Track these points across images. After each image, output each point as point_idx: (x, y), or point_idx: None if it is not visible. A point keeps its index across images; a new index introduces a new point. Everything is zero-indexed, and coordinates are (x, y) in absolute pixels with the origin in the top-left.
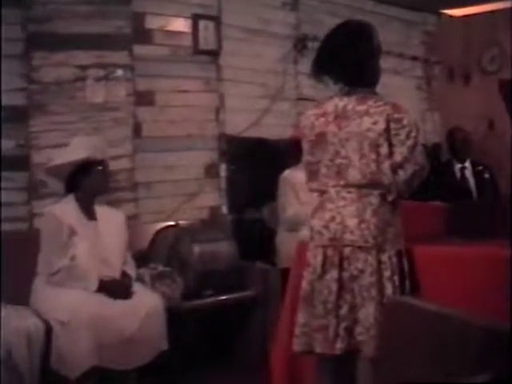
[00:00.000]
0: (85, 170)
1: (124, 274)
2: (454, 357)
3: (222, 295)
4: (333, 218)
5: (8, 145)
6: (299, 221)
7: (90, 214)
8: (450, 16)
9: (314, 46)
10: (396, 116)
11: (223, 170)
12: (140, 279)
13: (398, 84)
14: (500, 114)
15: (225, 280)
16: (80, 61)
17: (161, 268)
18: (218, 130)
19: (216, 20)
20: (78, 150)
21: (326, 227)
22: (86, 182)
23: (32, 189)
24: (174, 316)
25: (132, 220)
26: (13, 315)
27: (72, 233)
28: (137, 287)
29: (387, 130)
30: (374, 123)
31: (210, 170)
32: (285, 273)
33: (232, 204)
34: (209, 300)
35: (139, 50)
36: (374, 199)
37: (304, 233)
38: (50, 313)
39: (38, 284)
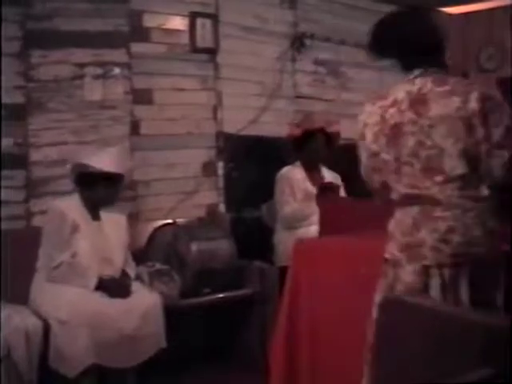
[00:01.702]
0: (98, 180)
1: (124, 274)
2: (453, 354)
3: (220, 293)
4: (451, 229)
5: (6, 143)
6: (296, 218)
7: (95, 215)
8: (448, 13)
9: (311, 43)
10: (489, 93)
11: (221, 168)
12: (138, 277)
13: (394, 81)
14: None
15: (223, 278)
16: (78, 59)
17: (159, 266)
18: (215, 128)
19: (213, 18)
20: (109, 161)
21: (444, 241)
22: (93, 190)
23: (30, 187)
24: (173, 314)
25: (131, 218)
26: (12, 314)
27: (75, 229)
28: (135, 286)
29: (482, 108)
30: (464, 102)
31: (208, 168)
32: (283, 271)
33: (230, 202)
34: (207, 298)
35: (137, 48)
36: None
37: (302, 231)
38: (48, 311)
39: (37, 282)
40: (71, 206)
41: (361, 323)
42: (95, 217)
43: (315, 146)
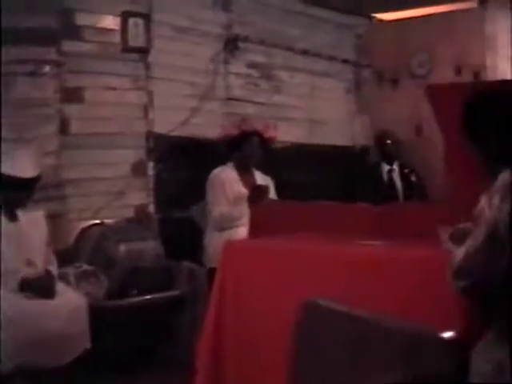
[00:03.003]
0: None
1: (48, 273)
2: (369, 358)
3: (148, 294)
4: None
5: None
6: (227, 220)
7: (11, 216)
8: (381, 20)
9: (245, 46)
10: None
11: (151, 168)
12: (64, 278)
13: (329, 86)
14: (428, 118)
15: (151, 279)
16: (8, 56)
17: (85, 267)
18: (146, 128)
19: (146, 18)
20: (25, 167)
21: None
22: (9, 194)
23: None
24: (99, 315)
25: (58, 218)
26: None
27: None
28: (60, 287)
29: None
30: None
31: (138, 169)
32: (213, 273)
33: (160, 203)
34: (135, 299)
35: (68, 46)
36: None
37: (232, 233)
38: None
39: None
40: None
41: (287, 325)
42: (12, 218)
43: (250, 148)
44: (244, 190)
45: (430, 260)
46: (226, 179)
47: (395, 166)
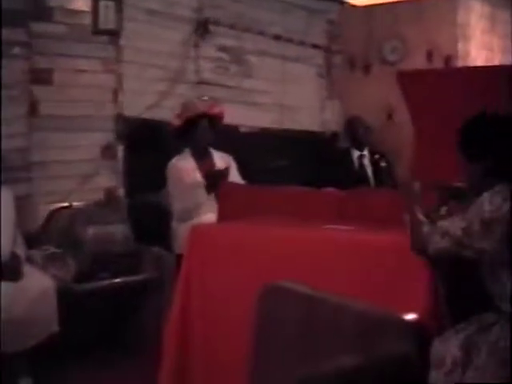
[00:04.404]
0: None
1: (14, 256)
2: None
3: (116, 278)
4: None
5: None
6: (188, 211)
7: None
8: (353, 5)
9: (215, 30)
10: None
11: (121, 151)
12: (31, 260)
13: (299, 71)
14: (398, 104)
15: (119, 263)
16: None
17: (53, 250)
18: (115, 111)
19: (117, 0)
20: None
21: None
22: None
23: None
24: (67, 298)
25: (25, 200)
26: None
27: None
28: (27, 269)
29: None
30: None
31: (107, 152)
32: (180, 259)
33: (129, 186)
34: (103, 282)
35: (38, 27)
36: None
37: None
38: None
39: None
40: None
41: (252, 308)
42: None
43: (200, 132)
44: (201, 179)
45: (390, 245)
46: (183, 169)
47: (365, 152)
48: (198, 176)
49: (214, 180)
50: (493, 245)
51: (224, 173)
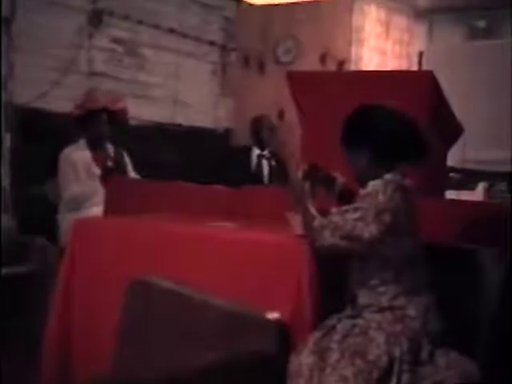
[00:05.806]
0: None
1: None
2: (191, 336)
3: None
4: None
5: None
6: (78, 202)
7: None
8: (250, 4)
9: (109, 21)
10: None
11: (8, 140)
12: None
13: (194, 67)
14: (289, 104)
15: (1, 254)
16: None
17: None
18: (4, 99)
19: None
20: None
21: None
22: None
23: None
24: None
25: None
26: None
27: None
28: None
29: None
30: None
31: None
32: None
33: (15, 176)
34: None
35: None
36: None
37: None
38: None
39: None
40: None
41: None
42: None
43: (99, 125)
44: (96, 169)
45: (271, 242)
46: (77, 159)
47: (266, 152)
48: (93, 167)
49: (111, 172)
50: (381, 230)
51: (121, 166)
